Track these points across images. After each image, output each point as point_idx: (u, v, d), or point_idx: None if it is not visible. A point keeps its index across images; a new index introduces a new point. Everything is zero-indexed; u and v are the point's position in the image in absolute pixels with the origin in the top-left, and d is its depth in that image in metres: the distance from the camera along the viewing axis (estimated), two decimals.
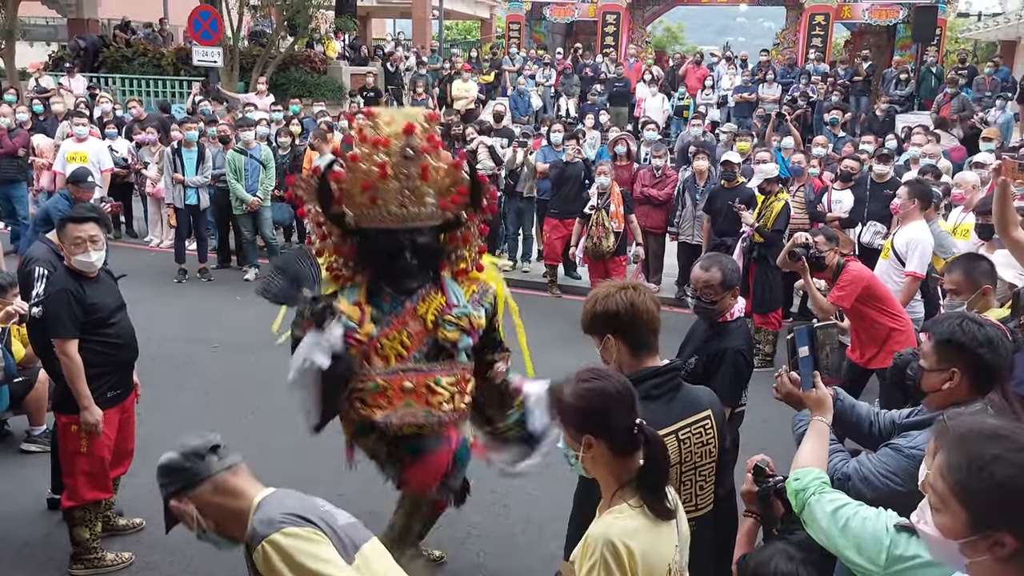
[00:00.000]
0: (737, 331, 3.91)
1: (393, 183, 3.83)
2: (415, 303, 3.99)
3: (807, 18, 22.25)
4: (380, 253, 3.97)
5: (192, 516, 2.39)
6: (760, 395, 4.10)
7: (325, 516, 2.35)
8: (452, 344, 3.97)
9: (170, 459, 2.45)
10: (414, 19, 30.49)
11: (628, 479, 2.30)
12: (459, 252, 4.18)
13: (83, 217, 4.40)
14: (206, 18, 14.20)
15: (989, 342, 2.74)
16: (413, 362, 3.94)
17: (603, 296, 2.89)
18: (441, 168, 3.94)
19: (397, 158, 3.82)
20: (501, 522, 5.12)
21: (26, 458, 5.75)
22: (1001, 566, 1.67)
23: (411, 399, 3.88)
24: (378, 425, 3.91)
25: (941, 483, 1.75)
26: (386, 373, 3.89)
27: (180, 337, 8.36)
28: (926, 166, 9.12)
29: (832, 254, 5.68)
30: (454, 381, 3.97)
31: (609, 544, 2.19)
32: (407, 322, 3.97)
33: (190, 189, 10.44)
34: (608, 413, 2.28)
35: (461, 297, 4.07)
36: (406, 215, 3.88)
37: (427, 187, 3.88)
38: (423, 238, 3.95)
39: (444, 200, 3.94)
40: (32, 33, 22.05)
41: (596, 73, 19.60)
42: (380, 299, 4.00)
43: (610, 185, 8.71)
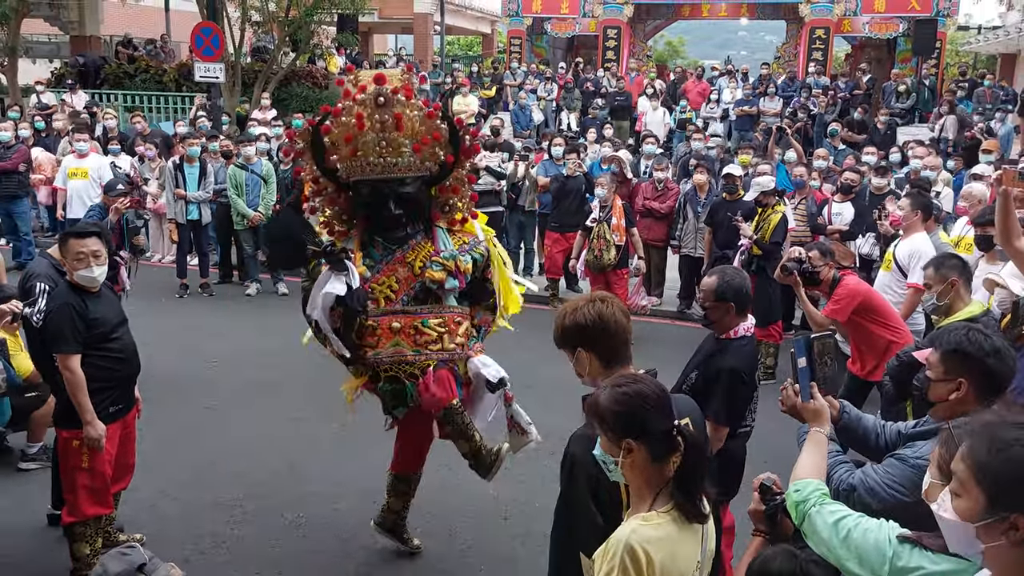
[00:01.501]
0: (739, 351, 3.87)
1: (370, 135, 4.12)
2: (405, 252, 4.29)
3: (808, 32, 22.34)
4: (367, 204, 4.26)
5: None
6: (763, 408, 4.09)
7: None
8: (438, 285, 4.23)
9: None
10: (416, 34, 30.67)
11: (663, 486, 2.30)
12: (451, 202, 4.45)
13: (85, 232, 4.41)
14: (208, 34, 14.21)
15: (996, 352, 2.73)
16: (401, 305, 4.23)
17: (571, 310, 2.89)
18: (415, 117, 4.21)
19: (371, 108, 4.12)
20: (501, 535, 5.10)
21: (27, 474, 5.73)
22: (1016, 551, 1.72)
23: (399, 338, 4.18)
24: (369, 362, 4.19)
25: (962, 467, 1.80)
26: (375, 314, 4.18)
27: (182, 352, 8.35)
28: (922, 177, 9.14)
29: (827, 268, 5.68)
30: (442, 322, 4.24)
31: (629, 549, 2.19)
32: (396, 269, 4.28)
33: (192, 204, 10.47)
34: (648, 416, 2.28)
35: (450, 245, 4.35)
36: (385, 164, 4.17)
37: (403, 138, 4.16)
38: (406, 188, 4.23)
39: (417, 143, 4.19)
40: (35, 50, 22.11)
41: (597, 87, 19.67)
42: (373, 248, 4.32)
43: (611, 198, 8.71)
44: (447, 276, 4.24)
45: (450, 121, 4.33)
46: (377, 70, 4.42)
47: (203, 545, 4.93)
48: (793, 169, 9.52)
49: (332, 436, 6.32)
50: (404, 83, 4.25)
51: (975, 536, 1.78)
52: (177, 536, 5.02)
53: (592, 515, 2.67)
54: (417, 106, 4.26)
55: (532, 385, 7.36)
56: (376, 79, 4.17)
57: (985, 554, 1.79)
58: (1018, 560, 1.74)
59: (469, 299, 4.50)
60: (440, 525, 5.17)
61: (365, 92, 4.19)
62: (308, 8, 17.05)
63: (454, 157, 4.34)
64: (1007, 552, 1.74)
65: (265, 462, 5.97)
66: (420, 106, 4.28)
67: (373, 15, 26.28)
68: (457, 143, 4.32)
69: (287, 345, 8.35)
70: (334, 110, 4.25)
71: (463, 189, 4.48)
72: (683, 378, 3.98)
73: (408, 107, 4.21)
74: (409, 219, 4.31)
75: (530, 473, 5.75)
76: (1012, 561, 1.75)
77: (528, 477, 5.71)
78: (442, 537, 5.06)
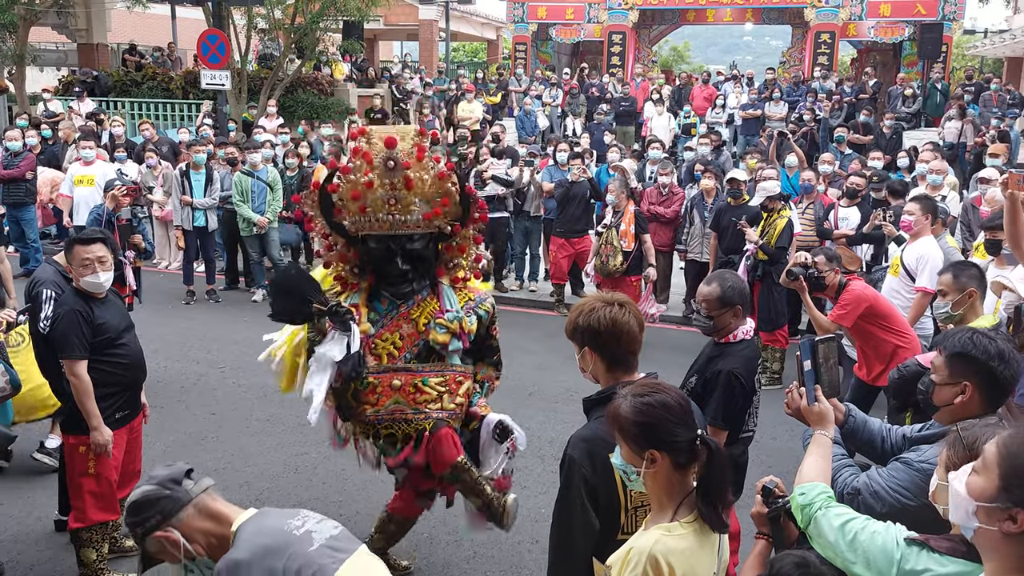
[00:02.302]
0: (739, 353, 3.87)
1: (379, 192, 4.09)
2: (410, 307, 4.28)
3: (813, 36, 22.34)
4: (375, 258, 4.25)
5: (179, 544, 2.33)
6: (768, 413, 4.09)
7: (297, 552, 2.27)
8: (442, 347, 4.20)
9: (145, 491, 2.38)
10: (421, 41, 30.73)
11: (684, 496, 2.30)
12: (455, 260, 4.42)
13: (91, 239, 4.43)
14: (214, 41, 14.29)
15: (1001, 355, 2.72)
16: (403, 362, 4.20)
17: (588, 309, 2.90)
18: (426, 178, 4.15)
19: (381, 169, 4.08)
20: (506, 541, 5.09)
21: (33, 480, 5.74)
22: (1006, 541, 1.82)
23: (399, 396, 4.15)
24: (369, 420, 4.17)
25: (993, 450, 1.87)
26: (378, 371, 4.15)
27: (188, 358, 8.38)
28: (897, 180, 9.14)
29: (833, 274, 5.66)
30: (443, 381, 4.20)
31: (653, 560, 2.19)
32: (400, 324, 4.25)
33: (198, 211, 10.50)
34: (671, 426, 2.28)
35: (455, 303, 4.32)
36: (394, 222, 4.14)
37: (412, 196, 4.12)
38: (413, 245, 4.22)
39: (428, 212, 4.17)
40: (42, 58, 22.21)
41: (602, 93, 19.67)
42: (379, 302, 4.31)
43: (623, 203, 8.69)
44: (451, 338, 4.21)
45: (462, 183, 4.28)
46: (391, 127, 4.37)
47: None
48: (802, 174, 9.50)
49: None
50: (416, 144, 4.19)
51: (973, 514, 1.87)
52: None
53: (588, 517, 2.67)
54: (428, 168, 4.18)
55: (535, 392, 7.37)
56: (387, 143, 4.10)
57: (976, 533, 1.89)
58: (1005, 550, 1.83)
59: (473, 356, 4.45)
60: (445, 532, 5.16)
61: (372, 160, 4.12)
62: (314, 15, 17.09)
63: (461, 225, 4.31)
64: (997, 539, 1.84)
65: (270, 468, 5.98)
66: (431, 167, 4.19)
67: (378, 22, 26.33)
68: (467, 206, 4.28)
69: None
70: (342, 167, 4.21)
71: (469, 249, 4.45)
72: (683, 383, 3.98)
73: (419, 169, 4.15)
74: (416, 275, 4.29)
75: (534, 479, 5.75)
76: (999, 549, 1.85)
77: (532, 483, 5.71)
78: (448, 544, 5.06)
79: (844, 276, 5.70)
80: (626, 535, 2.60)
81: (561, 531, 2.77)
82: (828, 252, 5.89)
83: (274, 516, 2.40)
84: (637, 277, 8.83)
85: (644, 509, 2.67)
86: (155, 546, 2.36)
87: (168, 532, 2.33)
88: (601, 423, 2.72)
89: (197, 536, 2.35)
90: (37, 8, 18.42)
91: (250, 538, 2.30)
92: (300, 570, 2.23)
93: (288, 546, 2.27)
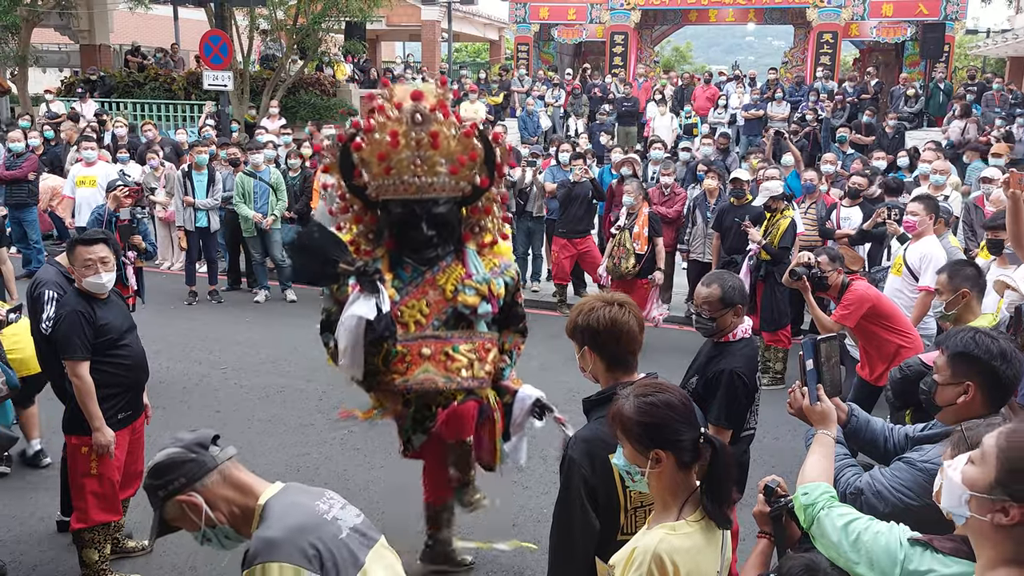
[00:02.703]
0: (739, 352, 3.85)
1: (405, 152, 3.96)
2: (435, 273, 4.13)
3: (815, 36, 22.32)
4: (398, 224, 4.10)
5: (201, 510, 2.26)
6: (771, 413, 4.09)
7: (327, 535, 2.23)
8: (471, 310, 4.09)
9: (171, 453, 2.29)
10: (423, 41, 30.71)
11: (688, 495, 2.31)
12: (482, 223, 4.28)
13: (93, 239, 4.43)
14: (217, 42, 14.32)
15: (1003, 355, 2.72)
16: (432, 330, 4.07)
17: (587, 309, 2.89)
18: (452, 136, 4.02)
19: (407, 125, 3.95)
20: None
21: (35, 480, 5.75)
22: (996, 533, 1.85)
23: (429, 364, 4.02)
24: (398, 389, 4.05)
25: (993, 443, 1.88)
26: (405, 339, 4.02)
27: (190, 359, 8.38)
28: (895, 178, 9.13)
29: (836, 274, 5.65)
30: (472, 348, 4.10)
31: (658, 559, 2.20)
32: (427, 291, 4.11)
33: (200, 212, 10.50)
34: (676, 425, 2.28)
35: (481, 268, 4.19)
36: (419, 184, 4.01)
37: (438, 156, 4.00)
38: (439, 209, 4.07)
39: (453, 164, 4.03)
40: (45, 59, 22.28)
41: (605, 93, 19.67)
42: (402, 269, 4.15)
43: (637, 205, 8.64)
44: (481, 301, 4.11)
45: (486, 140, 4.13)
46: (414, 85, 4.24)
47: (211, 552, 4.92)
48: (804, 174, 9.48)
49: (341, 443, 6.32)
50: (440, 99, 4.06)
51: (966, 502, 1.90)
52: (184, 543, 5.00)
53: (588, 517, 2.67)
54: (453, 124, 4.06)
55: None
56: (413, 95, 3.99)
57: (967, 523, 1.92)
58: (995, 541, 1.86)
59: (498, 324, 4.35)
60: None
61: (401, 109, 4.00)
62: (316, 16, 17.12)
63: (489, 178, 4.16)
64: (988, 530, 1.87)
65: (272, 468, 5.97)
66: (456, 123, 4.07)
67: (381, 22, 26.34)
68: (493, 163, 4.14)
69: (295, 352, 8.38)
70: (366, 126, 4.03)
71: (495, 210, 4.32)
72: (683, 384, 3.97)
73: (444, 125, 4.02)
74: (441, 240, 4.14)
75: (536, 480, 5.74)
76: (990, 539, 1.87)
77: (534, 484, 5.71)
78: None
79: (847, 276, 5.70)
80: (626, 535, 2.60)
81: (561, 532, 2.77)
82: (831, 252, 5.88)
83: (302, 494, 2.35)
84: (647, 280, 8.80)
85: (644, 509, 2.67)
86: (175, 511, 2.28)
87: (191, 497, 2.25)
88: (601, 424, 2.71)
89: (220, 504, 2.28)
90: (40, 9, 18.47)
91: (282, 517, 2.23)
92: (333, 553, 2.19)
93: (318, 527, 2.22)
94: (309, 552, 2.15)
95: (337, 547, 2.21)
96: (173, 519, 2.30)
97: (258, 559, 2.13)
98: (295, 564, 2.12)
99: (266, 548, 2.15)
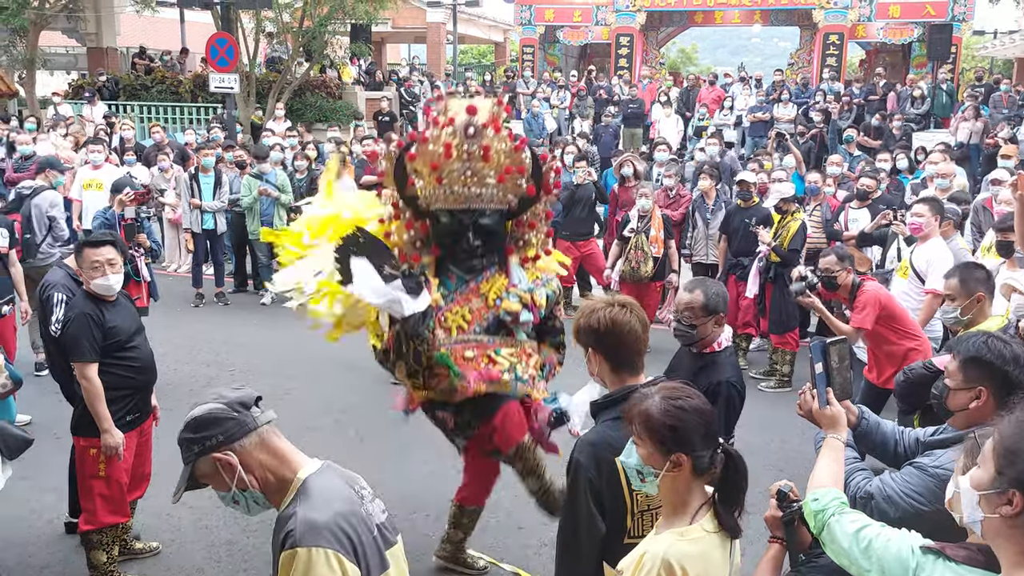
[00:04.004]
0: (726, 362, 3.72)
1: (456, 163, 4.10)
2: (479, 282, 4.26)
3: (821, 37, 22.29)
4: (446, 233, 4.22)
5: (235, 471, 2.19)
6: (779, 416, 4.07)
7: (361, 526, 2.20)
8: (513, 317, 4.19)
9: (212, 409, 2.22)
10: (428, 44, 30.78)
11: (702, 502, 2.30)
12: (526, 237, 4.39)
13: (100, 241, 4.44)
14: (223, 45, 14.34)
15: (1016, 359, 2.70)
16: (473, 335, 4.17)
17: (588, 311, 2.88)
18: (502, 150, 4.17)
19: (460, 137, 4.09)
20: (515, 544, 5.08)
21: (44, 482, 5.75)
22: (1009, 528, 1.85)
23: (473, 367, 4.10)
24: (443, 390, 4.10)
25: (991, 443, 1.91)
26: (448, 343, 4.11)
27: (197, 361, 8.40)
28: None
29: (845, 273, 5.62)
30: (514, 352, 4.19)
31: (667, 564, 2.19)
32: (470, 299, 4.24)
33: (207, 214, 10.52)
34: (701, 432, 2.28)
35: (524, 280, 4.31)
36: (468, 195, 4.15)
37: (488, 168, 4.14)
38: (486, 220, 4.20)
39: (501, 175, 4.16)
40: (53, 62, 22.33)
41: (610, 95, 19.66)
42: (447, 278, 4.28)
43: (651, 208, 8.59)
44: (523, 308, 4.21)
45: (534, 156, 4.31)
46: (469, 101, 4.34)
47: (218, 553, 4.94)
48: (808, 175, 9.46)
49: (347, 446, 6.33)
50: (494, 115, 4.22)
51: (977, 504, 1.90)
52: (192, 544, 5.03)
53: (593, 520, 2.66)
54: (504, 139, 4.22)
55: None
56: (468, 110, 4.16)
57: (983, 526, 1.91)
58: (1010, 536, 1.85)
59: (536, 336, 4.44)
60: None
61: (454, 124, 4.16)
62: (321, 18, 17.14)
63: (535, 191, 4.29)
64: (1000, 527, 1.87)
65: None
66: (507, 140, 4.23)
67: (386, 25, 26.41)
68: (539, 178, 4.28)
69: (302, 354, 8.38)
70: (421, 137, 4.22)
71: (539, 225, 4.44)
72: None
73: (496, 140, 4.18)
74: (486, 251, 4.27)
75: None
76: (1005, 536, 1.86)
77: None
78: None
79: (858, 276, 5.65)
80: (632, 539, 2.59)
81: (567, 534, 2.77)
82: (839, 251, 5.84)
83: (339, 477, 2.33)
84: (660, 283, 8.77)
85: (651, 513, 2.66)
86: (208, 468, 2.21)
87: (227, 456, 2.19)
88: (608, 427, 2.70)
89: (255, 467, 2.22)
90: (47, 12, 18.53)
91: (327, 500, 2.18)
92: (366, 550, 2.17)
93: (354, 514, 2.20)
94: (353, 541, 2.13)
95: (369, 544, 2.19)
96: (203, 476, 2.25)
97: (305, 542, 2.07)
98: (342, 554, 2.08)
99: (311, 531, 2.09)
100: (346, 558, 2.09)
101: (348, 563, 2.09)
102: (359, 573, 2.13)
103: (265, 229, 5.17)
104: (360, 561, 2.14)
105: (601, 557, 2.69)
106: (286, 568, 2.08)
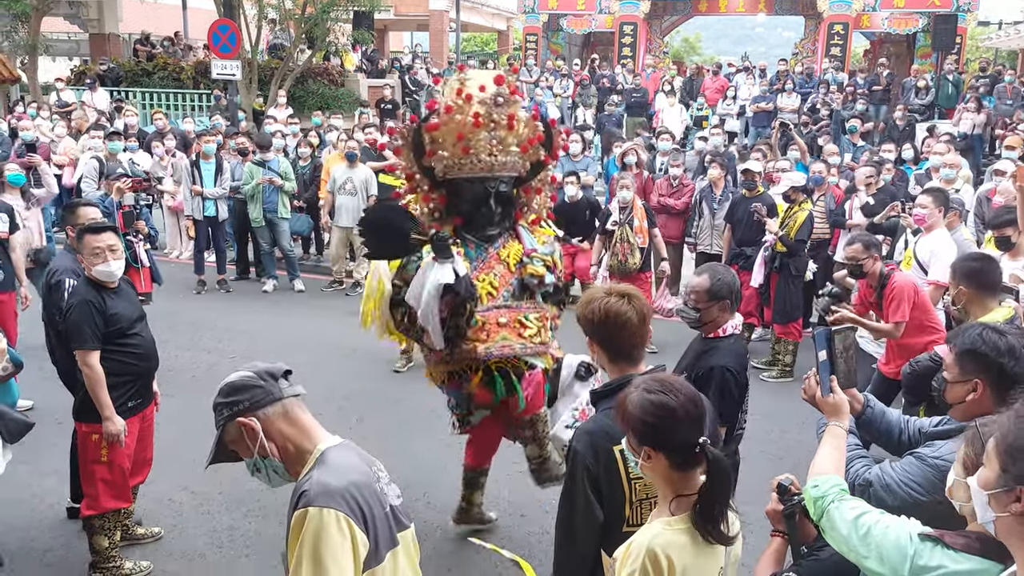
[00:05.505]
0: (728, 349, 3.68)
1: (483, 133, 4.21)
2: (497, 249, 4.40)
3: (826, 27, 22.19)
4: (466, 201, 4.34)
5: (257, 437, 2.28)
6: (780, 406, 4.07)
7: (374, 499, 2.24)
8: (539, 280, 4.36)
9: (243, 376, 2.34)
10: (431, 31, 30.67)
11: (688, 493, 2.27)
12: (530, 202, 4.58)
13: (100, 227, 4.44)
14: (225, 31, 14.28)
15: (1011, 351, 2.69)
16: (503, 300, 4.33)
17: (587, 301, 2.89)
18: (522, 119, 4.34)
19: (489, 106, 4.21)
20: (517, 532, 5.09)
21: (45, 467, 5.77)
22: (1019, 523, 1.84)
23: (506, 332, 4.27)
24: (479, 357, 4.23)
25: (993, 441, 1.90)
26: (482, 310, 4.25)
27: (199, 347, 8.41)
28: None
29: (871, 261, 5.57)
30: (539, 316, 4.36)
31: (651, 554, 2.18)
32: (492, 266, 4.37)
33: (208, 201, 10.51)
34: (670, 430, 2.24)
35: (536, 243, 4.47)
36: (494, 163, 4.27)
37: (512, 137, 4.28)
38: (504, 187, 4.35)
39: (524, 144, 4.33)
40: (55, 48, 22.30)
41: (613, 84, 19.59)
42: (466, 246, 4.38)
43: (632, 200, 8.52)
44: (547, 272, 4.38)
45: (545, 122, 4.48)
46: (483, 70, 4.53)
47: (220, 538, 4.96)
48: (812, 166, 9.43)
49: (349, 433, 6.31)
50: (511, 84, 4.35)
51: (987, 504, 1.90)
52: (194, 529, 5.05)
53: (591, 508, 2.67)
54: (522, 106, 4.40)
55: None
56: (496, 80, 4.28)
57: (996, 525, 1.91)
58: (1022, 533, 1.84)
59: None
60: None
61: (484, 91, 4.26)
62: (324, 5, 17.09)
63: (548, 157, 4.47)
64: (1012, 524, 1.86)
65: None
66: (524, 106, 4.40)
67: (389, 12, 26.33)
68: (551, 144, 4.45)
69: (304, 341, 8.40)
70: (446, 107, 4.28)
71: (545, 190, 4.61)
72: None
73: (518, 107, 4.34)
74: (503, 217, 4.42)
75: None
76: (1016, 534, 1.86)
77: None
78: (458, 534, 5.06)
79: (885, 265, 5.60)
80: (631, 527, 2.59)
81: (565, 522, 2.78)
82: (864, 239, 5.75)
83: (357, 455, 2.38)
84: (648, 273, 8.72)
85: (649, 502, 2.66)
86: (234, 432, 2.31)
87: (251, 421, 2.28)
88: (607, 415, 2.70)
89: (276, 436, 2.30)
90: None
91: (343, 468, 2.24)
92: (377, 527, 2.21)
93: (368, 487, 2.25)
94: (364, 511, 2.18)
95: (380, 519, 2.24)
96: (231, 441, 2.34)
97: (317, 502, 2.13)
98: (352, 520, 2.14)
99: (325, 493, 2.14)
100: (356, 524, 2.14)
101: (357, 529, 2.14)
102: (367, 542, 2.17)
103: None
104: (369, 532, 2.18)
105: (600, 544, 2.69)
106: (297, 526, 2.13)
